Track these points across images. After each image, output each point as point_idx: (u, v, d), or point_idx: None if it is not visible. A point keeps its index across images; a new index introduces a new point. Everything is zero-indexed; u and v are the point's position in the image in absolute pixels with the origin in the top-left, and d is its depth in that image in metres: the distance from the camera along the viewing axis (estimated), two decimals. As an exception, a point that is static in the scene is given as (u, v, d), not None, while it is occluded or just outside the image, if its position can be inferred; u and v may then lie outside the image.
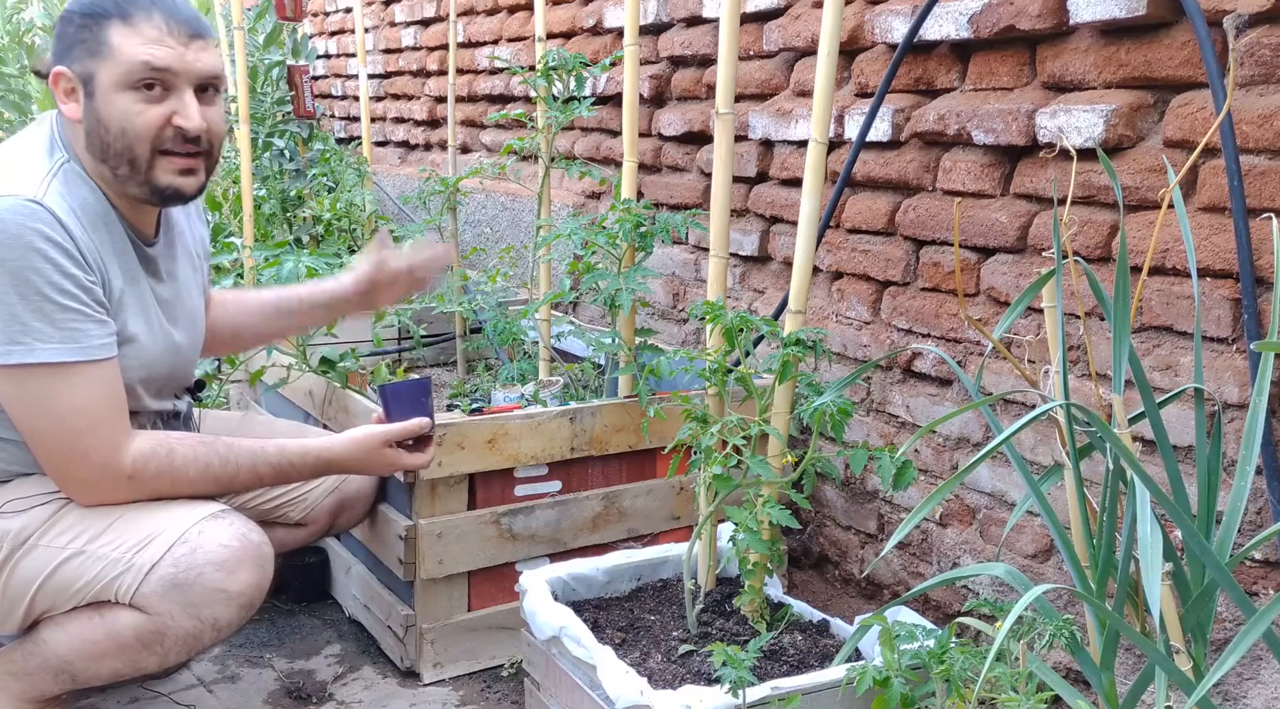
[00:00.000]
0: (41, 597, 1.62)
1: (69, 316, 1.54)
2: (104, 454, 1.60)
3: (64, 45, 1.61)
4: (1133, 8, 1.69)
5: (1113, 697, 1.37)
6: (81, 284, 1.54)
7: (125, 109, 1.58)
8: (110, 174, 1.62)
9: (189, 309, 1.82)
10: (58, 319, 1.53)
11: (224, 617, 1.62)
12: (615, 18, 3.11)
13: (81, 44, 1.59)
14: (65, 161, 1.62)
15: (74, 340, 1.54)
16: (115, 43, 1.57)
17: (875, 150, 2.23)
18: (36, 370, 1.53)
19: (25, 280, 1.50)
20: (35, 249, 1.50)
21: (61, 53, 1.61)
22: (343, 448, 1.81)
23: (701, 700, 1.45)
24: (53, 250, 1.51)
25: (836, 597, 2.35)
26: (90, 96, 1.59)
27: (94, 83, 1.59)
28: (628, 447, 2.15)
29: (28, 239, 1.50)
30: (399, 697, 1.98)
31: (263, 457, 1.73)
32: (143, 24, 1.58)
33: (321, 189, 3.57)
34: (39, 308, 1.51)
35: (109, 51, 1.57)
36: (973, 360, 2.03)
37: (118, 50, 1.57)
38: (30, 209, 1.51)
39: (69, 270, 1.53)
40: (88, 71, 1.59)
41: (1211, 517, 1.35)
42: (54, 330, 1.53)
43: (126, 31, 1.57)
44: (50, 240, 1.51)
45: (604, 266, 2.17)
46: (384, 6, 4.62)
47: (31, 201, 1.52)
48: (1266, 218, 1.50)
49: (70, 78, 1.60)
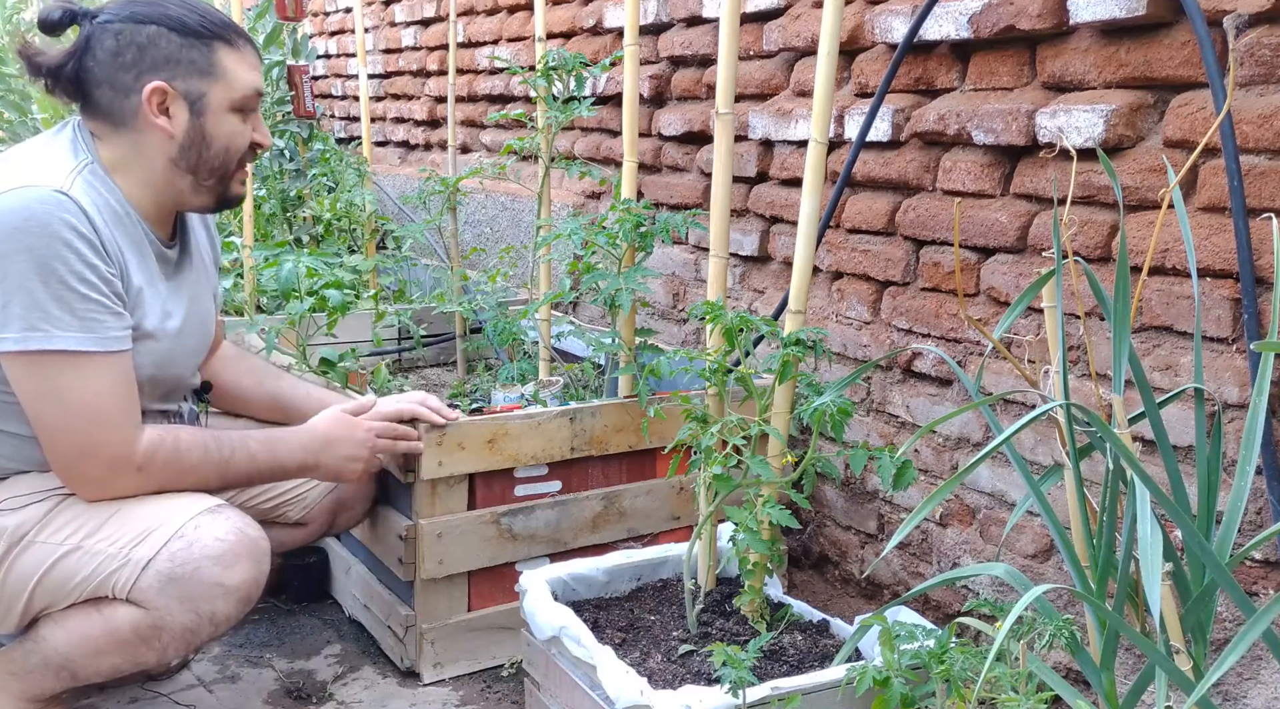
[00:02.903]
0: (39, 593, 1.63)
1: (89, 307, 1.56)
2: (116, 447, 1.61)
3: (157, 59, 1.64)
4: (1133, 8, 1.69)
5: (1113, 697, 1.37)
6: (103, 275, 1.57)
7: (233, 129, 1.71)
8: (190, 183, 1.71)
9: (200, 314, 1.84)
10: (78, 308, 1.55)
11: (222, 611, 1.62)
12: (615, 18, 3.12)
13: (190, 64, 1.65)
14: (89, 162, 1.64)
15: (92, 330, 1.56)
16: (228, 66, 1.68)
17: (875, 150, 2.23)
18: (54, 358, 1.55)
19: (49, 268, 1.52)
20: (61, 238, 1.53)
21: (154, 66, 1.64)
22: (322, 420, 1.87)
23: (701, 700, 1.45)
24: (77, 240, 1.54)
25: (836, 597, 2.35)
26: (199, 114, 1.67)
27: (204, 102, 1.67)
28: (628, 447, 2.15)
29: (54, 228, 1.53)
30: (399, 697, 1.98)
31: (251, 434, 1.80)
32: (245, 50, 1.71)
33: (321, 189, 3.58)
34: (60, 296, 1.53)
35: (222, 72, 1.67)
36: (973, 360, 2.03)
37: (231, 73, 1.68)
38: (57, 199, 1.54)
39: (91, 261, 1.56)
40: (197, 90, 1.66)
41: (1211, 517, 1.35)
42: (74, 319, 1.55)
43: (236, 57, 1.69)
44: (75, 230, 1.54)
45: (604, 266, 2.17)
46: (384, 6, 4.63)
47: (59, 192, 1.55)
48: (1266, 218, 1.50)
49: (173, 93, 1.65)
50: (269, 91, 3.77)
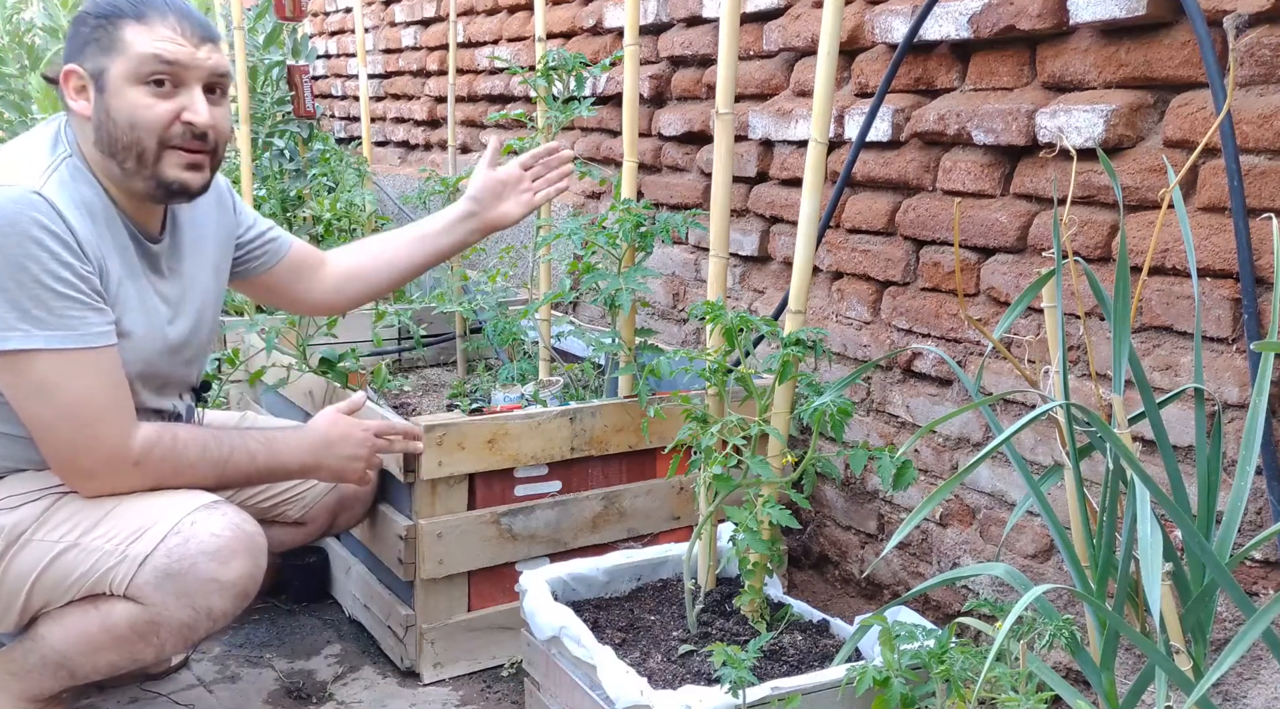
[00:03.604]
0: (37, 591, 1.63)
1: (66, 305, 1.55)
2: (112, 442, 1.61)
3: (77, 45, 1.64)
4: (1133, 8, 1.69)
5: (1113, 697, 1.37)
6: (78, 273, 1.56)
7: (135, 102, 1.61)
8: (118, 169, 1.64)
9: (197, 307, 1.82)
10: (55, 306, 1.54)
11: (218, 606, 1.62)
12: (615, 18, 3.12)
13: (95, 42, 1.62)
14: (68, 156, 1.63)
15: (72, 328, 1.56)
16: (129, 39, 1.61)
17: (875, 150, 2.23)
18: (36, 357, 1.54)
19: (22, 268, 1.52)
20: (32, 237, 1.52)
21: (74, 52, 1.64)
22: (321, 420, 1.88)
23: (701, 700, 1.45)
24: (50, 240, 1.53)
25: (836, 597, 2.35)
26: (101, 91, 1.62)
27: (105, 77, 1.61)
28: (628, 447, 2.15)
29: (24, 227, 1.52)
30: (399, 697, 1.98)
31: (250, 434, 1.80)
32: (156, 23, 1.62)
33: (321, 189, 3.58)
34: (36, 295, 1.53)
35: (123, 47, 1.61)
36: (973, 360, 2.03)
37: (130, 45, 1.60)
38: (29, 199, 1.53)
39: (65, 259, 1.54)
40: (100, 67, 1.62)
41: (1211, 517, 1.35)
42: (52, 318, 1.54)
43: (140, 29, 1.61)
44: (47, 230, 1.53)
45: (604, 266, 2.17)
46: (384, 6, 4.62)
47: (30, 191, 1.54)
48: (1266, 218, 1.50)
49: (81, 74, 1.63)
50: (269, 91, 3.76)
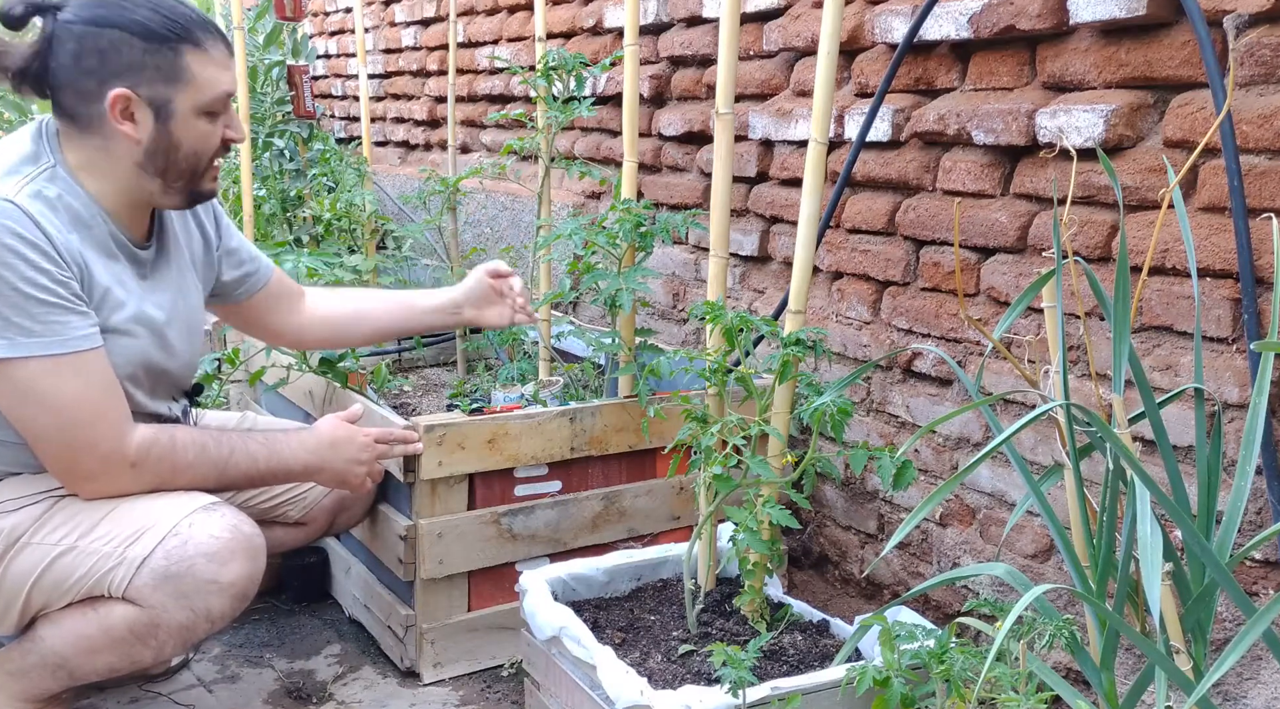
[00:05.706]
0: (36, 594, 1.63)
1: (47, 310, 1.55)
2: (108, 443, 1.61)
3: (120, 65, 1.59)
4: (1133, 8, 1.69)
5: (1113, 697, 1.37)
6: (56, 278, 1.55)
7: (203, 132, 1.67)
8: (158, 186, 1.68)
9: (185, 312, 1.82)
10: (36, 313, 1.54)
11: (217, 607, 1.63)
12: (615, 18, 3.11)
13: (155, 69, 1.60)
14: (51, 165, 1.63)
15: (56, 333, 1.55)
16: (194, 69, 1.63)
17: (875, 150, 2.23)
18: (23, 365, 1.54)
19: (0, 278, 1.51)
20: (5, 245, 1.52)
21: (119, 72, 1.59)
22: (324, 423, 1.89)
23: (701, 700, 1.45)
24: (24, 246, 1.53)
25: (836, 597, 2.35)
26: (165, 120, 1.63)
27: (171, 107, 1.63)
28: (628, 447, 2.15)
29: None
30: (399, 697, 1.98)
31: (252, 435, 1.80)
32: (213, 49, 1.65)
33: (321, 189, 3.58)
34: (15, 303, 1.53)
35: (189, 77, 1.62)
36: (973, 360, 2.03)
37: (200, 79, 1.63)
38: (2, 207, 1.53)
39: (42, 266, 1.54)
40: (163, 96, 1.62)
41: (1211, 517, 1.35)
42: (35, 325, 1.54)
43: (203, 59, 1.64)
44: (21, 237, 1.53)
45: (604, 266, 2.17)
46: (384, 6, 4.62)
47: (3, 200, 1.54)
48: (1266, 218, 1.50)
49: (137, 100, 1.61)
50: (269, 91, 3.76)
